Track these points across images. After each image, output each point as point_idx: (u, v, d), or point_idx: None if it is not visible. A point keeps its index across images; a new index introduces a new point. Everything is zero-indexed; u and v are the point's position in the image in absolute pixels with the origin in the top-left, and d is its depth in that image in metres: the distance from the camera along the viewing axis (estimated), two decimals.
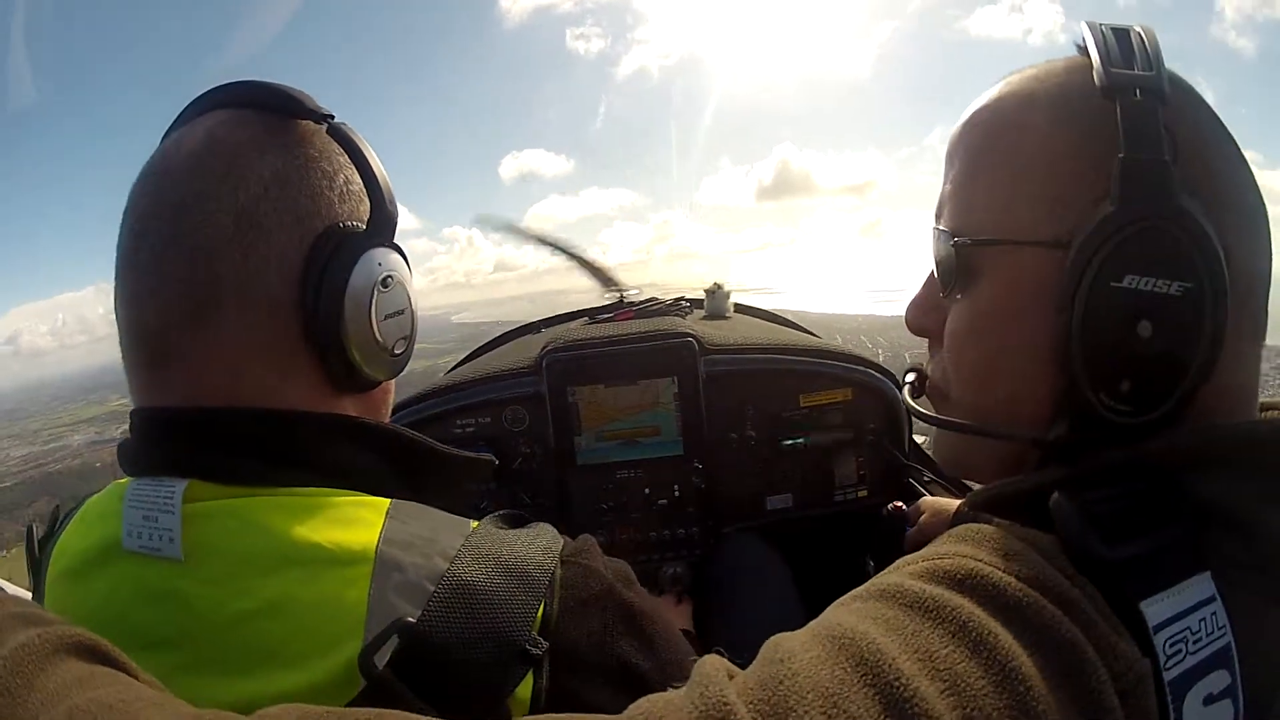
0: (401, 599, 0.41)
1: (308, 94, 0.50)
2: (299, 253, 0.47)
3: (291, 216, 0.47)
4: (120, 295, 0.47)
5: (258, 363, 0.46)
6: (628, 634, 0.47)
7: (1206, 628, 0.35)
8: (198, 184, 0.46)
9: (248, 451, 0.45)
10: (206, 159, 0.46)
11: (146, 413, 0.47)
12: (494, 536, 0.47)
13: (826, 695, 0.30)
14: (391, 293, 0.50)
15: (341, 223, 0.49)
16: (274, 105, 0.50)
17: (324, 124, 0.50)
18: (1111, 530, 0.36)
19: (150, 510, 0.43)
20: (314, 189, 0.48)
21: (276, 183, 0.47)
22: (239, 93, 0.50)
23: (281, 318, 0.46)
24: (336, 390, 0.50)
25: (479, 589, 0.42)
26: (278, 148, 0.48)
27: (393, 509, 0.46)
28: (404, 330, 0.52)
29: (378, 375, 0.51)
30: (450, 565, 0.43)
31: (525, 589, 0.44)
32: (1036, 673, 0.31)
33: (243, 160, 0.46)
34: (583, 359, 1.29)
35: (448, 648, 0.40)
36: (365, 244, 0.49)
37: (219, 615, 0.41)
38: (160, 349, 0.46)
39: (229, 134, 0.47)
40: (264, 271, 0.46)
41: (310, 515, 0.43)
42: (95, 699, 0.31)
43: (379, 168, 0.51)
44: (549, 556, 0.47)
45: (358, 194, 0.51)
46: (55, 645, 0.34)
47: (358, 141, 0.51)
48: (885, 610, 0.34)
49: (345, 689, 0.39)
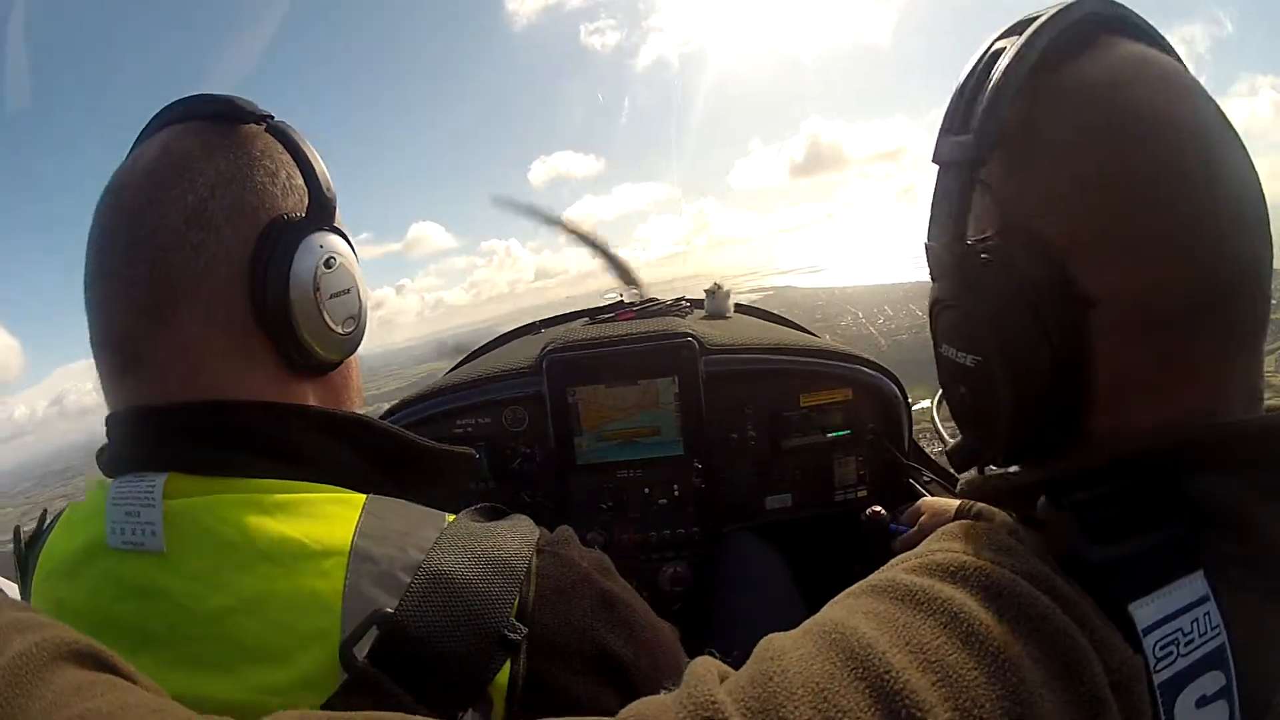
0: (377, 589, 0.42)
1: (249, 99, 0.53)
2: (247, 247, 0.49)
3: (238, 213, 0.49)
4: (90, 308, 0.49)
5: (218, 354, 0.48)
6: (606, 620, 0.48)
7: (1199, 628, 0.34)
8: (152, 191, 0.48)
9: (221, 443, 0.46)
10: (160, 169, 0.49)
11: (119, 415, 0.48)
12: (469, 529, 0.47)
13: (816, 690, 0.30)
14: (335, 273, 0.52)
15: (285, 215, 0.51)
16: (219, 113, 0.52)
17: (263, 124, 0.53)
18: (1100, 531, 0.35)
19: (132, 506, 0.44)
20: (258, 185, 0.50)
21: (222, 183, 0.49)
22: (189, 106, 0.53)
23: (235, 310, 0.48)
24: (295, 375, 0.51)
25: (455, 578, 0.43)
26: (222, 151, 0.50)
27: (369, 504, 0.46)
28: (351, 309, 0.54)
29: (331, 355, 0.53)
30: (426, 556, 0.43)
31: (502, 577, 0.44)
32: (1030, 663, 0.30)
33: (191, 165, 0.49)
34: (583, 359, 1.29)
35: (426, 637, 0.40)
36: (305, 229, 0.51)
37: (200, 610, 0.41)
38: (129, 353, 0.48)
39: (179, 143, 0.50)
40: (215, 268, 0.47)
41: (286, 511, 0.44)
42: (94, 708, 0.31)
43: (316, 158, 0.54)
44: (525, 545, 0.47)
45: (300, 187, 0.53)
46: (53, 653, 0.34)
47: (295, 137, 0.53)
48: (877, 604, 0.34)
49: (328, 682, 0.39)
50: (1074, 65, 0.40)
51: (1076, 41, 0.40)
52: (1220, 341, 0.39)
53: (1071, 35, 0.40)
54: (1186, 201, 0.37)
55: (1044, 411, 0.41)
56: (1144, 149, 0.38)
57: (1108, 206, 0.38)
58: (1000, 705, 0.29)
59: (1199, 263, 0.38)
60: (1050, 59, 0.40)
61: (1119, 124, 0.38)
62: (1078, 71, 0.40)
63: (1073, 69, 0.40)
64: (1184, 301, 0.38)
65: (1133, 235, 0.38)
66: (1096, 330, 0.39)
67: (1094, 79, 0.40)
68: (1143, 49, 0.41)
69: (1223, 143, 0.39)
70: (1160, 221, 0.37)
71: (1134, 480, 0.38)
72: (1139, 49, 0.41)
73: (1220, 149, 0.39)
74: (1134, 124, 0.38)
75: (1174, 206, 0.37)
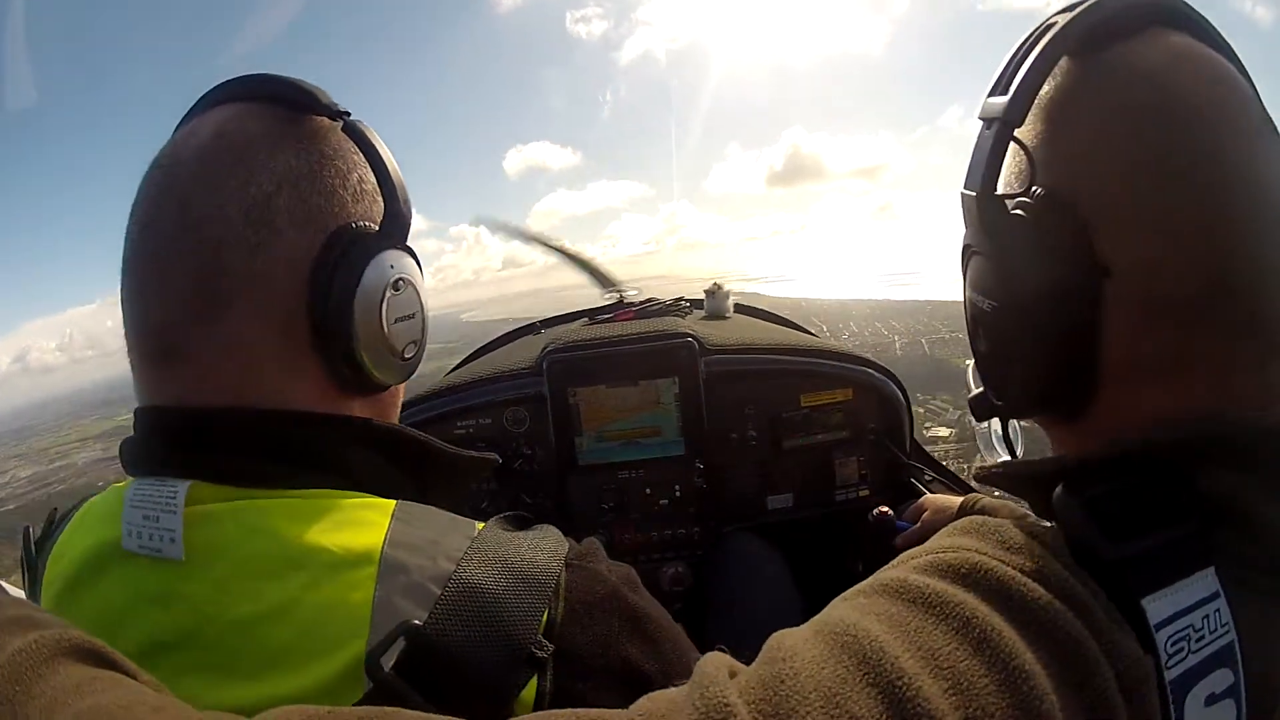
0: (407, 601, 0.41)
1: (323, 89, 0.49)
2: (310, 253, 0.46)
3: (303, 215, 0.46)
4: (126, 289, 0.46)
5: (265, 363, 0.46)
6: (633, 637, 0.47)
7: (1209, 625, 0.34)
8: (207, 177, 0.45)
9: (253, 453, 0.44)
10: (217, 152, 0.46)
11: (151, 411, 0.46)
12: (499, 539, 0.46)
13: (828, 695, 0.29)
14: (403, 295, 0.49)
15: (354, 223, 0.48)
16: (288, 100, 0.49)
17: (339, 121, 0.50)
18: (1115, 526, 0.35)
19: (151, 510, 0.42)
20: (327, 188, 0.48)
21: (289, 180, 0.46)
22: (252, 86, 0.49)
23: (290, 318, 0.46)
24: (344, 393, 0.49)
25: (485, 591, 0.42)
26: (291, 144, 0.47)
27: (398, 511, 0.45)
28: (414, 334, 0.51)
29: (387, 379, 0.51)
30: (456, 568, 0.43)
31: (531, 592, 0.43)
32: (1041, 671, 0.30)
33: (254, 155, 0.46)
34: (583, 359, 1.29)
35: (454, 650, 0.40)
36: (377, 245, 0.48)
37: (224, 618, 0.40)
38: (166, 345, 0.45)
39: (241, 127, 0.47)
40: (274, 270, 0.45)
41: (315, 518, 0.43)
42: (95, 705, 0.30)
43: (394, 167, 0.50)
44: (554, 560, 0.46)
45: (371, 194, 0.50)
46: (54, 650, 0.33)
47: (373, 140, 0.50)
48: (888, 606, 0.34)
49: (350, 691, 0.39)
50: (1122, 46, 0.41)
51: (1128, 26, 0.42)
52: (1238, 335, 0.39)
53: (1124, 19, 0.42)
54: (1213, 191, 0.38)
55: (1053, 366, 0.42)
56: (1179, 134, 0.39)
57: (1137, 183, 0.39)
58: (1010, 714, 0.29)
59: (1219, 252, 0.38)
60: (1099, 37, 0.42)
61: (1158, 106, 0.39)
62: (1125, 52, 0.41)
63: (1120, 49, 0.41)
64: (1200, 289, 0.38)
65: (1156, 215, 0.39)
66: (1110, 299, 0.40)
67: (1139, 62, 0.41)
68: (1192, 42, 0.42)
69: (1260, 141, 0.40)
70: (1185, 206, 0.38)
71: (1149, 474, 0.38)
72: (1189, 42, 0.42)
73: (1256, 147, 0.40)
74: (1172, 109, 0.39)
75: (1200, 194, 0.38)
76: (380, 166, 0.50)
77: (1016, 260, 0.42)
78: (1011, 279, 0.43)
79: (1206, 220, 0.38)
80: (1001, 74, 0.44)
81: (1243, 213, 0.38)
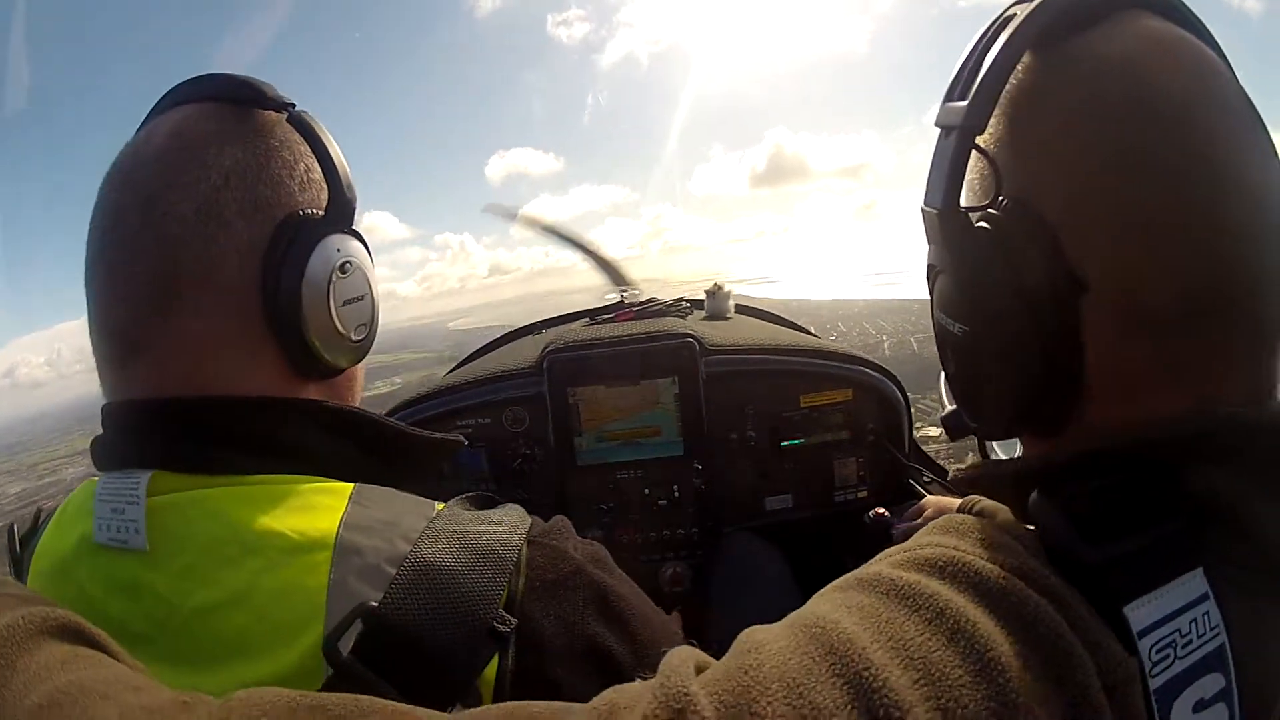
0: (362, 584, 0.41)
1: (270, 84, 0.50)
2: (260, 243, 0.47)
3: (251, 206, 0.47)
4: (91, 292, 0.48)
5: (220, 351, 0.47)
6: (599, 615, 0.47)
7: (1198, 629, 0.33)
8: (163, 177, 0.46)
9: (211, 440, 0.45)
10: (172, 152, 0.47)
11: (114, 407, 0.47)
12: (458, 517, 0.46)
13: (791, 685, 0.28)
14: (350, 279, 0.50)
15: (301, 211, 0.49)
16: (237, 97, 0.50)
17: (284, 113, 0.51)
18: (1095, 528, 0.34)
19: (118, 503, 0.43)
20: (274, 178, 0.49)
21: (237, 173, 0.47)
22: (205, 86, 0.50)
23: (243, 306, 0.47)
24: (300, 377, 0.50)
25: (442, 569, 0.42)
26: (239, 139, 0.48)
27: (356, 494, 0.45)
28: (364, 316, 0.52)
29: (339, 361, 0.52)
30: (413, 547, 0.43)
31: (491, 568, 0.44)
32: (1019, 663, 0.29)
33: (205, 152, 0.47)
34: (584, 359, 1.29)
35: (412, 630, 0.40)
36: (323, 230, 0.49)
37: (185, 606, 0.41)
38: (129, 343, 0.46)
39: (193, 127, 0.48)
40: (224, 260, 0.46)
41: (272, 503, 0.43)
42: (75, 681, 0.31)
43: (338, 155, 0.51)
44: (515, 535, 0.46)
45: (318, 183, 0.51)
46: (38, 627, 0.34)
47: (317, 130, 0.51)
48: (861, 598, 0.33)
49: (311, 677, 0.39)
50: (1086, 37, 0.38)
51: (1092, 13, 0.39)
52: (1223, 343, 0.37)
53: (1089, 4, 0.39)
54: (1195, 189, 0.35)
55: (1029, 389, 0.39)
56: (1154, 127, 0.36)
57: (1110, 184, 0.36)
58: (985, 706, 0.28)
59: (1206, 255, 0.36)
60: (1060, 28, 0.38)
61: (1130, 99, 0.36)
62: (1090, 44, 0.38)
63: (1084, 41, 0.38)
64: (1184, 295, 0.36)
65: (1129, 219, 0.36)
66: (1088, 312, 0.37)
67: (1106, 53, 0.38)
68: (1166, 26, 0.39)
69: (1241, 135, 0.37)
70: (1164, 206, 0.36)
71: (1131, 473, 0.36)
72: (1162, 26, 0.39)
73: (1237, 141, 0.37)
74: (1145, 100, 0.36)
75: (1181, 192, 0.35)
76: (324, 155, 0.51)
77: (984, 278, 0.39)
78: (980, 299, 0.40)
79: (1188, 220, 0.35)
80: (958, 74, 0.41)
81: (1228, 211, 0.36)
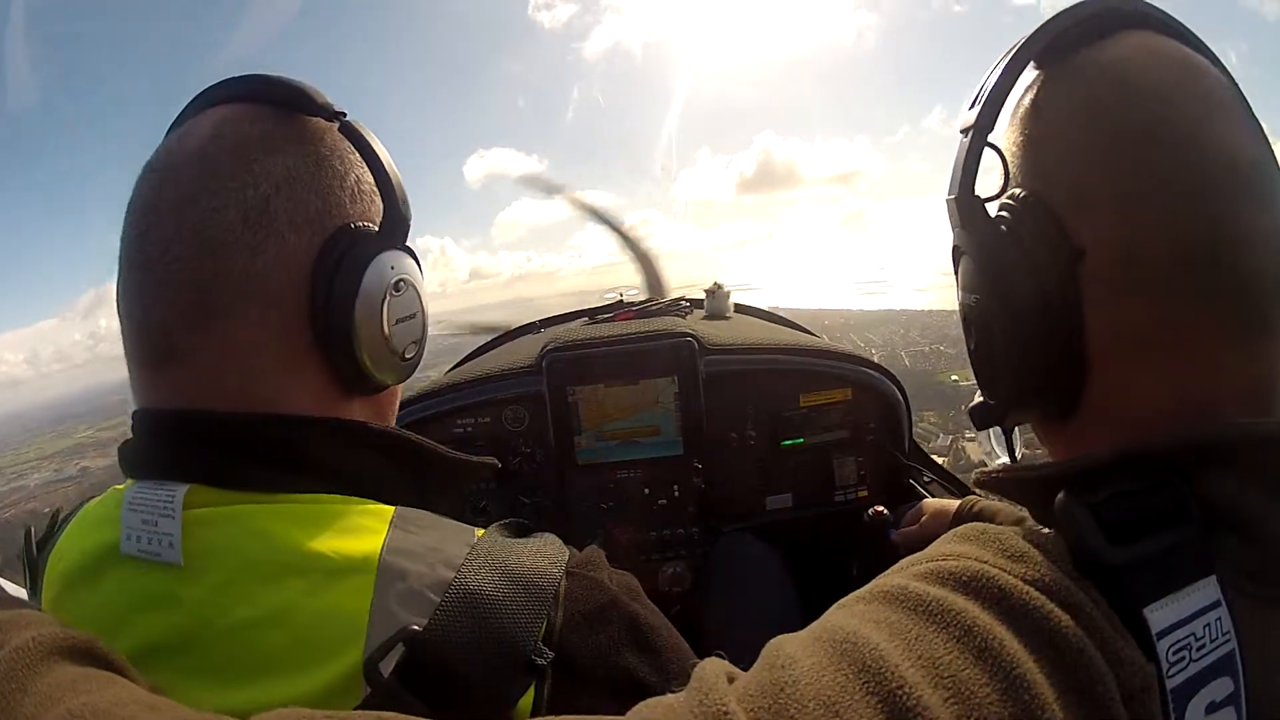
0: (403, 608, 0.41)
1: (319, 89, 0.49)
2: (309, 254, 0.46)
3: (302, 217, 0.46)
4: (123, 292, 0.46)
5: (265, 365, 0.45)
6: (633, 647, 0.47)
7: (1210, 633, 0.34)
8: (204, 179, 0.45)
9: (252, 457, 0.44)
10: (214, 153, 0.45)
11: (149, 414, 0.46)
12: (500, 546, 0.46)
13: (828, 704, 0.29)
14: (403, 296, 0.49)
15: (353, 224, 0.48)
16: (284, 100, 0.48)
17: (335, 121, 0.49)
18: (1118, 532, 0.35)
19: (150, 514, 0.42)
20: (325, 188, 0.47)
21: (287, 181, 0.46)
22: (248, 86, 0.49)
23: (290, 320, 0.45)
24: (345, 394, 0.49)
25: (485, 597, 0.42)
26: (288, 145, 0.47)
27: (397, 517, 0.45)
28: (415, 334, 0.52)
29: (387, 380, 0.51)
30: (456, 574, 0.42)
31: (531, 599, 0.43)
32: (1043, 679, 0.30)
33: (252, 156, 0.45)
34: (583, 359, 1.29)
35: (452, 656, 0.40)
36: (377, 246, 0.48)
37: (221, 622, 0.40)
38: (164, 348, 0.45)
39: (237, 129, 0.46)
40: (273, 272, 0.45)
41: (313, 524, 0.42)
42: (88, 703, 0.30)
43: (392, 167, 0.50)
44: (555, 567, 0.46)
45: (369, 194, 0.50)
46: (49, 648, 0.33)
47: (369, 139, 0.50)
48: (889, 613, 0.34)
49: (347, 696, 0.39)
50: (1086, 51, 0.43)
51: (1092, 32, 0.43)
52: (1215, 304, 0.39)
53: (1088, 26, 0.43)
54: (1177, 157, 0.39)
55: (1039, 354, 0.42)
56: (1139, 107, 0.40)
57: (1102, 160, 0.41)
58: None
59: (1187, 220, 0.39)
60: (1067, 44, 0.43)
61: (1121, 89, 0.41)
62: (1092, 54, 0.43)
63: (1085, 53, 0.43)
64: (1171, 257, 0.38)
65: (1123, 189, 0.40)
66: (1086, 278, 0.40)
67: (1105, 60, 0.42)
68: (1161, 39, 0.43)
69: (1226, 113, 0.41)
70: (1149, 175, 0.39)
71: (1151, 478, 0.37)
72: (1156, 38, 0.43)
73: (1222, 118, 0.40)
74: (1134, 87, 0.41)
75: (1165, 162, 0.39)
76: (378, 166, 0.49)
77: (994, 253, 0.44)
78: (990, 271, 0.44)
79: (1172, 188, 0.39)
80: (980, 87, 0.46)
81: (1210, 180, 0.39)
